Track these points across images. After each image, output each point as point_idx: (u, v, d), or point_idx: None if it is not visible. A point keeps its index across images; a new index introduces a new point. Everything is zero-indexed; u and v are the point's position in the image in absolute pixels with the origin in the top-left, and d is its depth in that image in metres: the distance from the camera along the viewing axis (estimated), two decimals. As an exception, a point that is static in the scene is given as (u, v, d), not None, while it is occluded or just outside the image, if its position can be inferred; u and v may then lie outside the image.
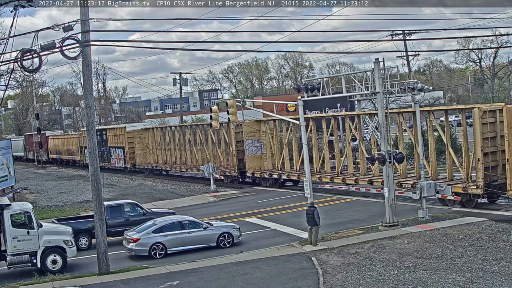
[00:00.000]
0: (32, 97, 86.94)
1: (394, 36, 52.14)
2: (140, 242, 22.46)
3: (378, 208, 27.30)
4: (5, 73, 35.41)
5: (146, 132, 56.64)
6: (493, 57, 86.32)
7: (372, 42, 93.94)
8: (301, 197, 31.79)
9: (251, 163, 41.33)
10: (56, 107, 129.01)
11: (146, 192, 42.53)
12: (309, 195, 23.63)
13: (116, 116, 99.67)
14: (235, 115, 26.37)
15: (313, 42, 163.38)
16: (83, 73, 20.58)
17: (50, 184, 52.77)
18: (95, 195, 20.42)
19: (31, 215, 21.20)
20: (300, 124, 24.97)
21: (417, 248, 19.91)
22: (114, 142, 59.15)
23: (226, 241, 23.35)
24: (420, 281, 16.36)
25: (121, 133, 57.65)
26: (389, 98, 24.84)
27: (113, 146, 59.32)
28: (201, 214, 30.22)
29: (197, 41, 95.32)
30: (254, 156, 41.42)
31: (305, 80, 29.99)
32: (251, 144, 41.46)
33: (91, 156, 20.53)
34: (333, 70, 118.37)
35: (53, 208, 37.55)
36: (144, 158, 55.85)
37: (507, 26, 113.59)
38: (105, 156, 61.06)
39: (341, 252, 20.33)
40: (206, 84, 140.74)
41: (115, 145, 58.75)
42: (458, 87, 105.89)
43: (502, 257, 18.07)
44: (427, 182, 25.13)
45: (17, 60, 18.87)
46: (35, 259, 21.06)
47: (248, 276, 18.30)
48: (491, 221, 23.09)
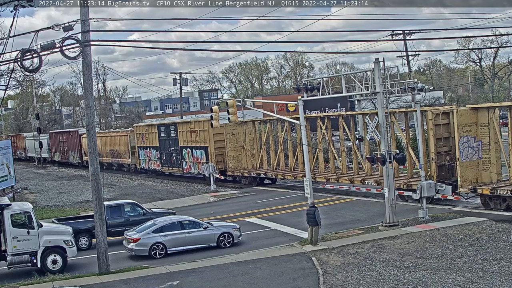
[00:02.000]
0: (32, 97, 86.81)
1: (394, 36, 52.15)
2: (140, 242, 22.46)
3: (378, 208, 27.30)
4: (5, 73, 35.39)
5: (241, 127, 42.51)
6: (493, 57, 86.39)
7: (371, 42, 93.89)
8: (301, 197, 31.79)
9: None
10: (56, 107, 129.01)
11: (146, 192, 42.52)
12: (309, 195, 23.63)
13: (116, 116, 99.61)
14: (235, 115, 26.37)
15: (312, 42, 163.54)
16: (83, 73, 20.58)
17: (50, 184, 52.75)
18: (95, 195, 20.43)
19: (31, 215, 21.20)
20: (300, 124, 24.98)
21: (417, 248, 19.92)
22: (190, 141, 45.38)
23: (226, 241, 23.34)
24: (420, 281, 16.36)
25: (202, 128, 43.84)
26: (389, 98, 24.85)
27: (189, 146, 45.53)
28: (201, 214, 30.23)
29: (196, 41, 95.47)
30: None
31: (305, 80, 30.00)
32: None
33: (91, 156, 20.53)
34: (333, 70, 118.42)
35: (53, 208, 37.53)
36: (238, 162, 43.01)
37: (507, 26, 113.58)
38: (172, 160, 48.34)
39: (341, 252, 20.33)
40: (206, 84, 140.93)
41: (192, 145, 45.13)
42: (458, 87, 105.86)
43: (502, 257, 18.07)
44: (427, 182, 25.13)
45: (17, 60, 18.87)
46: (35, 259, 21.05)
47: (248, 276, 18.30)
48: (491, 221, 23.09)
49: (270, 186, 40.87)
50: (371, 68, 23.74)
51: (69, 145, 68.74)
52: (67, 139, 69.54)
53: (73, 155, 68.03)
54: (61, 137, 71.99)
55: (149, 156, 52.48)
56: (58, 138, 72.42)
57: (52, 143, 74.57)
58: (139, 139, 53.85)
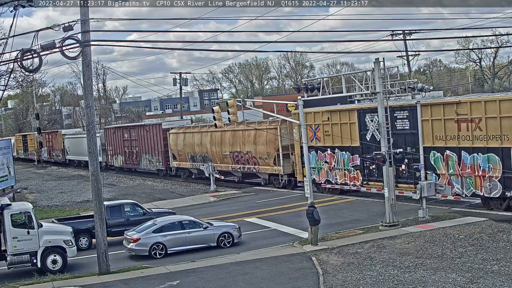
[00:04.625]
0: (32, 97, 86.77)
1: (394, 36, 52.16)
2: (140, 242, 22.46)
3: (378, 208, 27.29)
4: (5, 73, 35.39)
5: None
6: (493, 57, 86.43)
7: (371, 42, 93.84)
8: (301, 197, 31.78)
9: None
10: (56, 107, 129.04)
11: (146, 192, 42.52)
12: (309, 195, 23.63)
13: (116, 116, 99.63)
14: (235, 115, 26.37)
15: (312, 42, 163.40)
16: (83, 73, 20.58)
17: (50, 184, 52.76)
18: (95, 195, 20.42)
19: (31, 215, 21.20)
20: (300, 124, 24.98)
21: (417, 248, 19.91)
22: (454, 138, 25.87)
23: (226, 241, 23.34)
24: (420, 281, 16.36)
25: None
26: (389, 98, 24.85)
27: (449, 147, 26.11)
28: (201, 214, 30.23)
29: (195, 41, 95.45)
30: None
31: (305, 80, 29.97)
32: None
33: (91, 156, 20.52)
34: (334, 70, 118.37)
35: (53, 208, 37.57)
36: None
37: (507, 26, 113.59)
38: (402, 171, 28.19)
39: (341, 252, 20.33)
40: (206, 84, 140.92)
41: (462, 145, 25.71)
42: (458, 87, 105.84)
43: (502, 257, 18.06)
44: (426, 182, 25.11)
45: (17, 60, 18.86)
46: (35, 259, 21.06)
47: (248, 276, 18.30)
48: (491, 221, 23.08)
49: (270, 186, 40.86)
50: (371, 68, 23.74)
51: (143, 144, 51.03)
52: (137, 136, 51.51)
53: (148, 159, 49.99)
54: (126, 133, 53.43)
55: (332, 162, 32.58)
56: (121, 135, 54.53)
57: (110, 143, 56.68)
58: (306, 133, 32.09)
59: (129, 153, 52.84)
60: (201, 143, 44.04)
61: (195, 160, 45.03)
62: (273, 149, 37.23)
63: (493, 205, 25.33)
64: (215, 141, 42.37)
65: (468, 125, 25.37)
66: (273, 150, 37.21)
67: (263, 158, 38.13)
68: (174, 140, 47.35)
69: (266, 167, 38.27)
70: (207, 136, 43.33)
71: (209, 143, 43.07)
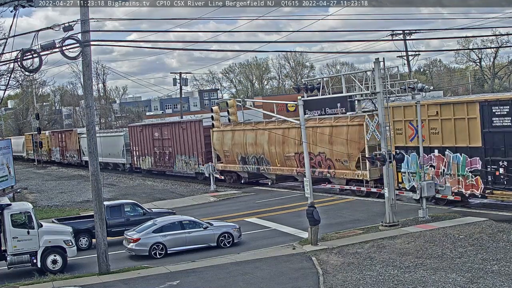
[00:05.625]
0: (32, 97, 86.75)
1: (394, 36, 52.17)
2: (140, 242, 22.46)
3: (378, 208, 27.29)
4: (5, 73, 35.40)
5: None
6: (493, 57, 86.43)
7: (371, 42, 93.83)
8: (301, 197, 31.77)
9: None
10: (56, 107, 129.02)
11: (146, 192, 42.51)
12: (309, 195, 23.63)
13: (116, 116, 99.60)
14: (235, 115, 26.38)
15: (312, 42, 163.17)
16: (83, 73, 20.59)
17: (50, 184, 52.75)
18: (95, 195, 20.42)
19: (31, 215, 21.20)
20: (300, 124, 24.98)
21: (417, 248, 19.91)
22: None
23: (226, 241, 23.34)
24: (420, 281, 16.36)
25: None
26: (389, 98, 24.86)
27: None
28: (201, 214, 30.22)
29: (195, 41, 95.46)
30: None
31: (305, 80, 29.97)
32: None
33: (91, 156, 20.53)
34: (333, 70, 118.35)
35: (53, 208, 37.56)
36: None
37: (507, 26, 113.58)
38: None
39: (341, 252, 20.33)
40: (206, 84, 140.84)
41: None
42: (458, 87, 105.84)
43: (502, 257, 18.06)
44: (427, 182, 25.11)
45: (17, 60, 18.87)
46: (35, 259, 21.06)
47: (248, 276, 18.30)
48: (491, 221, 23.09)
49: (270, 186, 40.85)
50: (371, 68, 23.75)
51: (177, 144, 43.84)
52: (170, 134, 44.38)
53: (185, 160, 43.08)
54: (156, 131, 46.63)
55: (441, 166, 26.91)
56: (150, 134, 47.56)
57: (136, 143, 50.14)
58: (399, 130, 28.68)
59: (160, 154, 46.29)
60: (255, 143, 37.95)
61: (247, 162, 39.06)
62: (356, 150, 31.31)
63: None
64: (274, 140, 36.39)
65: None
66: (356, 151, 31.30)
67: (342, 161, 32.22)
68: (220, 139, 40.65)
69: (345, 171, 32.34)
70: (263, 135, 37.24)
71: (266, 143, 37.06)
